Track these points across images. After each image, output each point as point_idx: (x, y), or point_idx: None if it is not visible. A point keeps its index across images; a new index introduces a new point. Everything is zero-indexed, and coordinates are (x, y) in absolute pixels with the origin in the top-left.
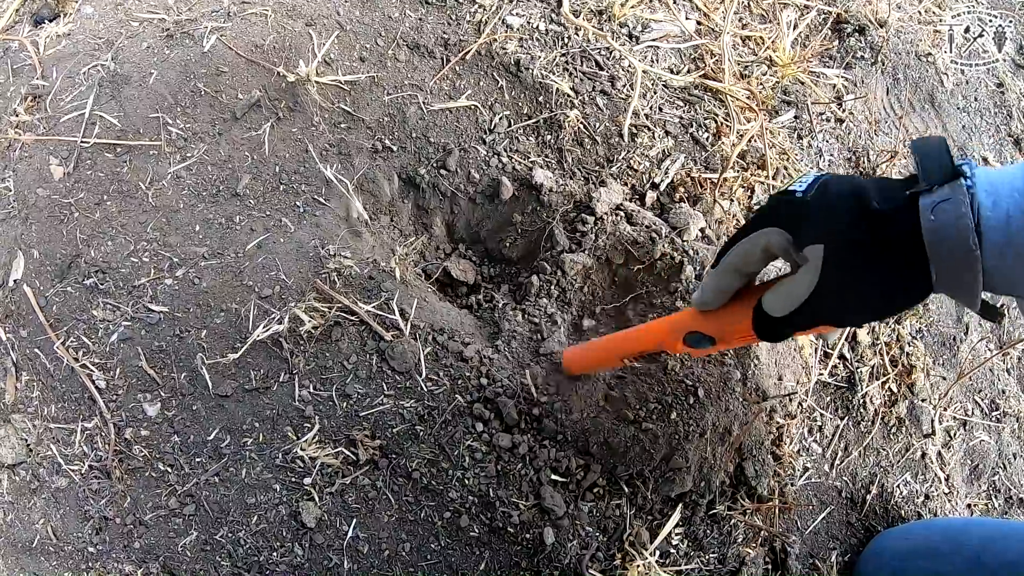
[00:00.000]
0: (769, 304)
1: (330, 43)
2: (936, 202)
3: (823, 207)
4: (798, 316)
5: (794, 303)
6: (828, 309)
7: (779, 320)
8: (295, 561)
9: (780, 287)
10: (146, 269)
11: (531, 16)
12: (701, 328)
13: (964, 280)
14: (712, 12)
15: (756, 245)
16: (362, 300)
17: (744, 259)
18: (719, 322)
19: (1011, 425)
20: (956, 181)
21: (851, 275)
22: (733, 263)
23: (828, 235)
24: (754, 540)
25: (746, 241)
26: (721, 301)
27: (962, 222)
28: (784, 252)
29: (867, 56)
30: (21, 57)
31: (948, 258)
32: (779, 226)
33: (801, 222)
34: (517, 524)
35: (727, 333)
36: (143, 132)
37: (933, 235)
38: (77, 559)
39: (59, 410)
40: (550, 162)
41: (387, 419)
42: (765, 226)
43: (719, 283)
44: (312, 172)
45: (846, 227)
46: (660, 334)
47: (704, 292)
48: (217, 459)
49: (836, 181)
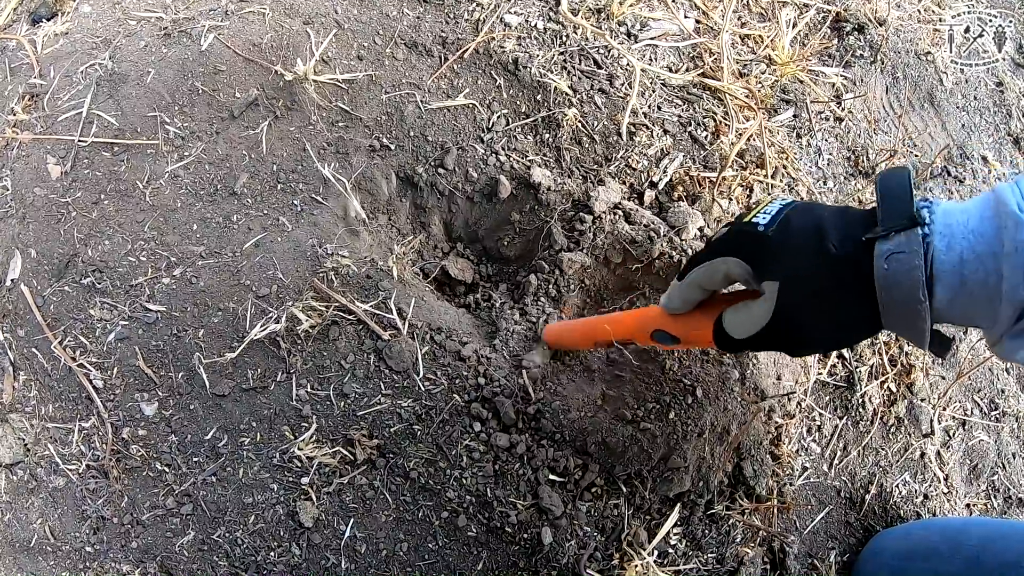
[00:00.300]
0: (728, 324)
1: (328, 42)
2: (891, 251)
3: (782, 244)
4: (752, 341)
5: (750, 330)
6: (780, 341)
7: (735, 340)
8: (292, 561)
9: (739, 310)
10: (143, 268)
11: (529, 14)
12: (667, 328)
13: (913, 326)
14: (711, 10)
15: (717, 270)
16: (360, 299)
17: (706, 279)
18: (684, 326)
19: (1010, 425)
20: (913, 230)
21: (803, 313)
22: (696, 280)
23: (784, 273)
24: (752, 540)
25: (708, 265)
26: (686, 309)
27: (914, 274)
28: (744, 281)
29: (866, 55)
30: (19, 56)
31: (898, 306)
32: (739, 257)
33: (761, 256)
34: (515, 524)
35: (690, 336)
36: (141, 131)
37: (885, 283)
38: (75, 559)
39: (56, 410)
40: (548, 161)
41: (385, 418)
42: (727, 254)
43: (683, 294)
44: (310, 171)
45: (802, 267)
46: (631, 327)
47: (671, 299)
48: (214, 459)
49: (799, 215)
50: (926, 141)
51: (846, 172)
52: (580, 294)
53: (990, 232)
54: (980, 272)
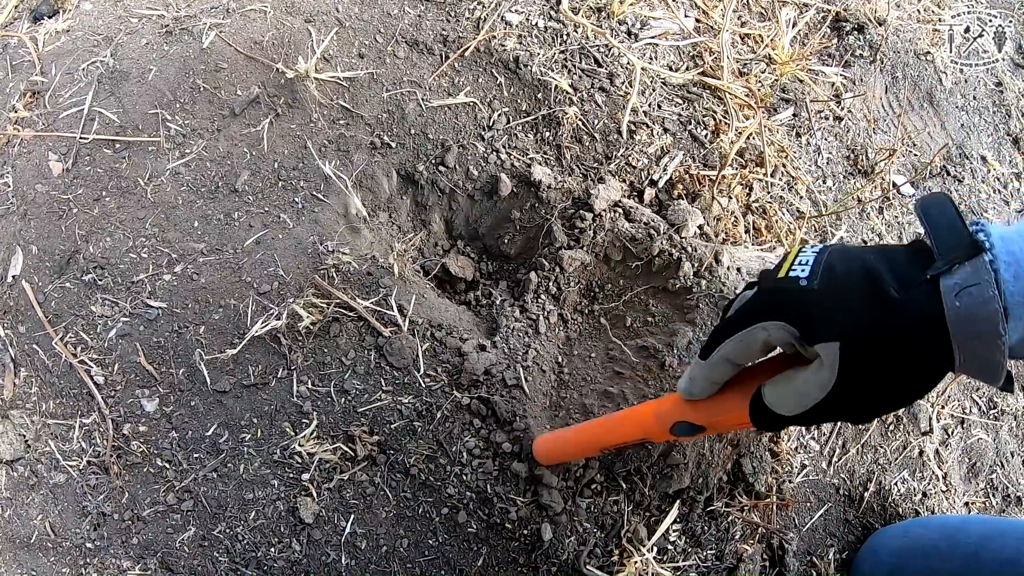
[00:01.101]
0: (774, 400)
1: (329, 39)
2: (960, 285)
3: (834, 298)
4: (809, 415)
5: (807, 403)
6: (846, 408)
7: (784, 417)
8: (293, 557)
9: (786, 383)
10: (144, 265)
11: (530, 13)
12: (689, 418)
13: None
14: (711, 10)
15: (756, 339)
16: (360, 296)
17: (740, 353)
18: (710, 411)
19: (1009, 423)
20: (978, 258)
21: (873, 372)
22: (727, 355)
23: (844, 331)
24: (752, 537)
25: (743, 334)
26: (711, 392)
27: (991, 307)
28: (787, 346)
29: (866, 54)
30: (20, 53)
31: (976, 344)
32: (783, 320)
33: (810, 315)
34: (515, 520)
35: (719, 421)
36: (142, 128)
37: (960, 322)
38: (75, 555)
39: (57, 406)
40: (549, 159)
41: (385, 415)
42: (766, 319)
43: (710, 375)
44: (311, 168)
45: (864, 321)
46: (644, 424)
47: (693, 383)
48: (215, 455)
49: (842, 261)
50: (925, 141)
51: (845, 171)
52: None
53: None
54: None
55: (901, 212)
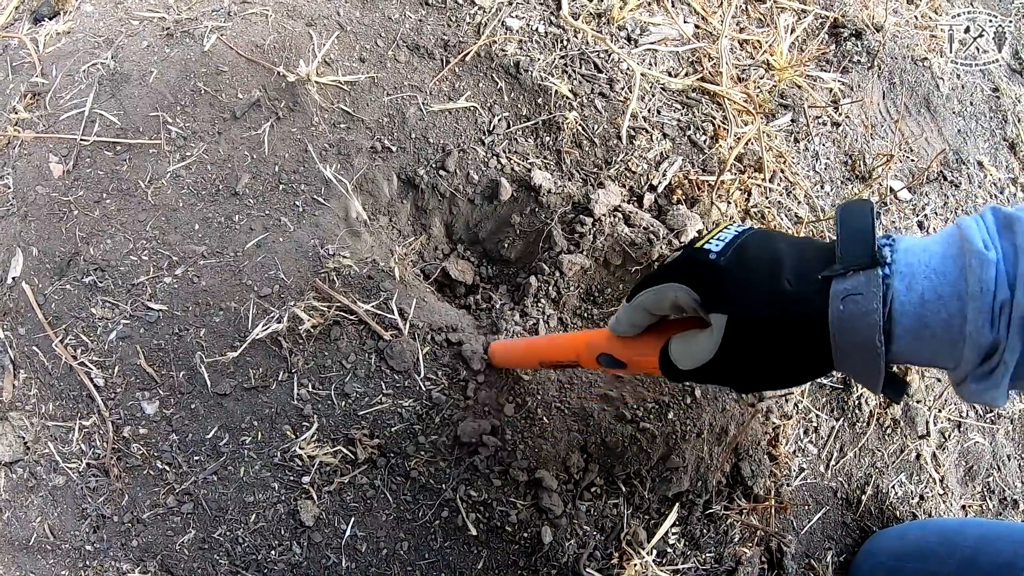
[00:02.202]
0: (674, 352)
1: (330, 43)
2: (848, 292)
3: (734, 276)
4: (698, 373)
5: (695, 362)
6: (725, 376)
7: (681, 370)
8: (293, 560)
9: (687, 340)
10: (145, 267)
11: (530, 18)
12: (614, 352)
13: (866, 371)
14: (710, 16)
15: (665, 296)
16: (361, 299)
17: (653, 304)
18: (630, 350)
19: (1005, 427)
20: (872, 270)
21: (751, 350)
22: (643, 304)
23: (734, 307)
24: (750, 540)
25: (656, 290)
26: (634, 332)
27: (870, 318)
28: (691, 309)
29: (863, 60)
30: (21, 55)
31: (852, 350)
32: (688, 284)
33: (709, 286)
34: (515, 523)
35: (637, 362)
36: (143, 131)
37: (840, 326)
38: (74, 557)
39: (57, 408)
40: (549, 164)
41: (386, 418)
42: (675, 280)
43: (631, 318)
44: (311, 172)
45: (754, 303)
46: (576, 348)
47: (619, 322)
48: (215, 457)
49: (755, 246)
50: (922, 146)
51: (843, 176)
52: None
53: (953, 272)
54: (943, 313)
55: (899, 217)
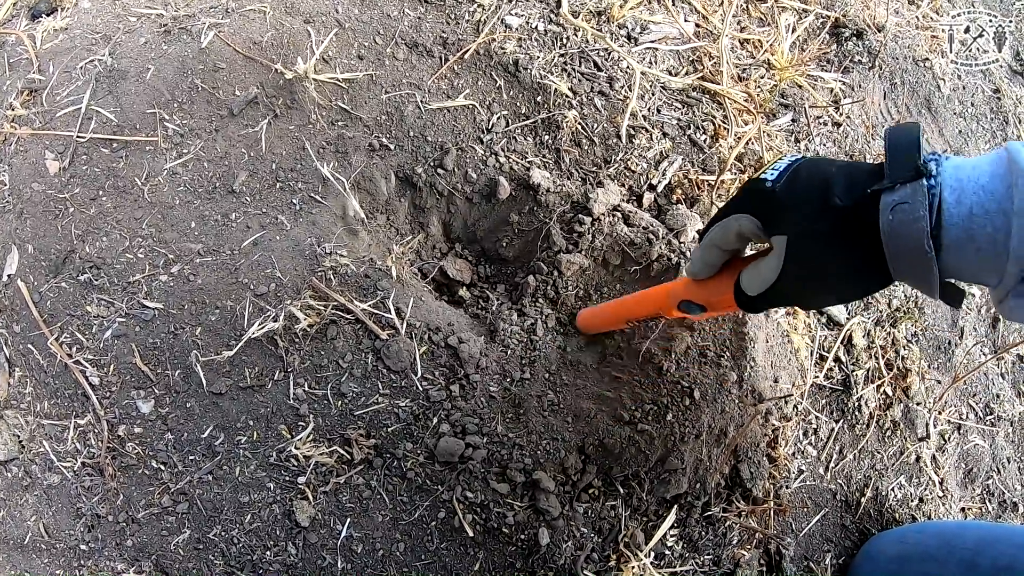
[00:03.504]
0: (745, 282)
1: (328, 40)
2: (896, 202)
3: (789, 199)
4: (767, 297)
5: (763, 285)
6: (792, 294)
7: (753, 297)
8: (288, 560)
9: (754, 267)
10: (141, 265)
11: (530, 16)
12: (692, 296)
13: (922, 276)
14: (711, 15)
15: (730, 228)
16: (358, 298)
17: (722, 239)
18: (707, 291)
19: (1005, 429)
20: (918, 181)
21: (811, 266)
22: (713, 240)
23: (791, 227)
24: (749, 542)
25: (722, 224)
26: (708, 272)
27: (917, 225)
28: (756, 236)
29: (864, 60)
30: (18, 51)
31: (905, 257)
32: (749, 213)
33: (769, 211)
34: (512, 524)
35: (714, 302)
36: (139, 128)
37: (890, 235)
38: (69, 557)
39: (52, 406)
40: (547, 162)
41: (382, 418)
42: (738, 211)
43: (704, 256)
44: (309, 170)
45: (808, 220)
46: (657, 300)
47: (693, 263)
48: (211, 457)
49: (807, 169)
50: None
51: None
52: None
53: (1001, 189)
54: (989, 228)
55: None
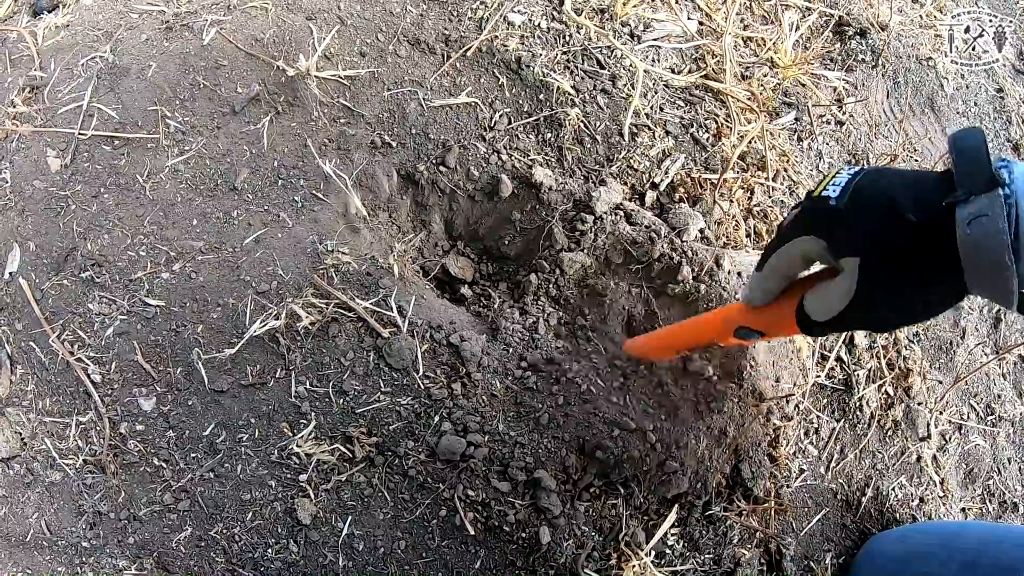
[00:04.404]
0: (810, 307)
1: (330, 38)
2: (973, 215)
3: (856, 217)
4: (836, 322)
5: (832, 310)
6: (865, 317)
7: (819, 323)
8: (290, 558)
9: (820, 291)
10: (143, 263)
11: (533, 14)
12: (750, 323)
13: (1001, 289)
14: (714, 13)
15: (794, 253)
16: (360, 296)
17: (785, 264)
18: (766, 318)
19: (1006, 430)
20: (994, 191)
21: (887, 286)
22: (775, 267)
23: (862, 247)
24: (749, 541)
25: (784, 248)
26: (768, 300)
27: (999, 238)
28: (821, 258)
29: (868, 59)
30: (19, 48)
31: (984, 270)
32: (814, 234)
33: (835, 231)
34: (513, 523)
35: (773, 327)
36: (141, 125)
37: (968, 249)
38: (71, 554)
39: (54, 404)
40: (550, 160)
41: (384, 416)
42: (801, 234)
43: (765, 284)
44: (311, 167)
45: (880, 239)
46: (712, 329)
47: (752, 291)
48: (212, 455)
49: (869, 183)
50: (926, 146)
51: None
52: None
53: None
54: None
55: None
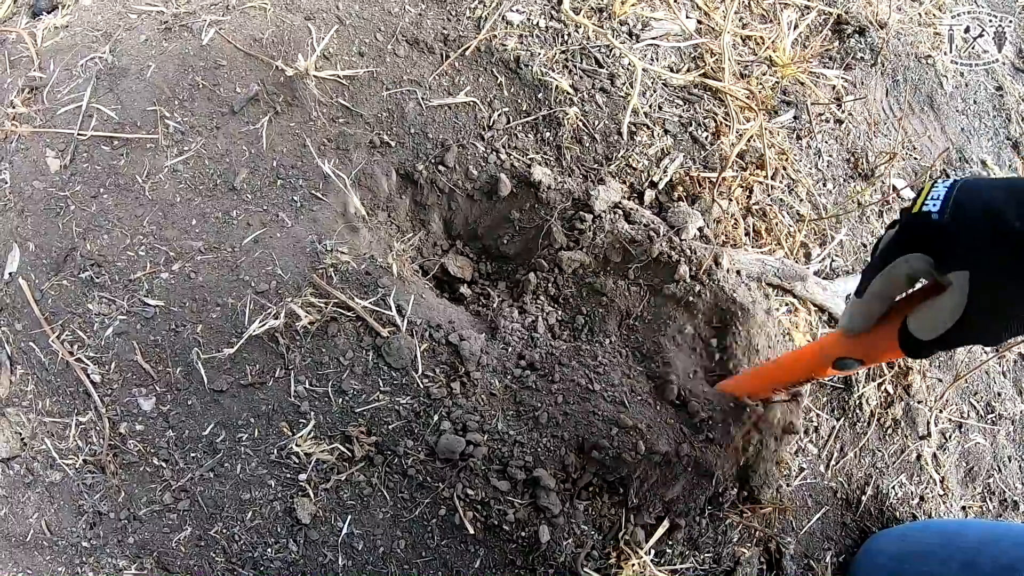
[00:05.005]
0: (916, 327)
1: (329, 37)
2: None
3: (962, 231)
4: (947, 338)
5: (942, 327)
6: (977, 331)
7: (927, 342)
8: (290, 557)
9: (925, 310)
10: (142, 263)
11: (531, 13)
12: (849, 353)
13: None
14: (712, 11)
15: (899, 272)
16: (359, 296)
17: (888, 286)
18: (867, 344)
19: (1006, 428)
20: None
21: (999, 298)
22: (879, 291)
23: (972, 260)
24: (749, 540)
25: (888, 269)
26: (869, 326)
27: None
28: (927, 276)
29: (867, 57)
30: (19, 49)
31: None
32: (920, 251)
33: (941, 247)
34: (512, 522)
35: (874, 353)
36: (140, 125)
37: None
38: (71, 554)
39: (54, 404)
40: (549, 159)
41: (383, 415)
42: (905, 252)
43: (866, 310)
44: (310, 167)
45: (989, 251)
46: (810, 364)
47: (853, 319)
48: (212, 454)
49: (968, 195)
50: (925, 144)
51: (845, 174)
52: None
53: None
54: None
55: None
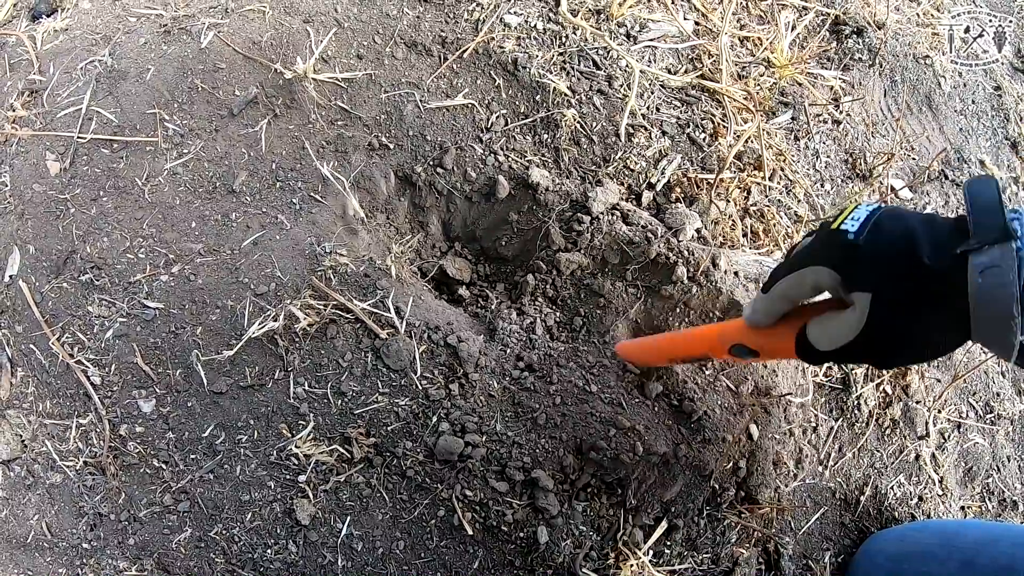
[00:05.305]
0: (814, 336)
1: (327, 40)
2: (985, 265)
3: (874, 255)
4: (840, 353)
5: (838, 341)
6: (870, 352)
7: (821, 352)
8: (289, 558)
9: (826, 321)
10: (142, 265)
11: (529, 15)
12: (747, 341)
13: (1003, 339)
14: (710, 13)
15: (805, 281)
16: (358, 298)
17: (793, 290)
18: (764, 338)
19: (1005, 428)
20: (1007, 243)
21: (896, 325)
22: (782, 291)
23: (877, 284)
24: (748, 540)
25: (796, 275)
26: (770, 322)
27: (1007, 290)
28: (832, 290)
29: (865, 58)
30: (18, 52)
31: (991, 320)
32: (829, 266)
33: (851, 266)
34: (511, 523)
35: (770, 349)
36: (140, 128)
37: (979, 299)
38: (71, 555)
39: (54, 406)
40: (546, 161)
41: (382, 417)
42: (815, 264)
43: (769, 307)
44: (308, 169)
45: (895, 279)
46: (708, 342)
47: (755, 312)
48: (212, 456)
49: (889, 222)
50: (923, 145)
51: (843, 175)
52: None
53: None
54: None
55: None
